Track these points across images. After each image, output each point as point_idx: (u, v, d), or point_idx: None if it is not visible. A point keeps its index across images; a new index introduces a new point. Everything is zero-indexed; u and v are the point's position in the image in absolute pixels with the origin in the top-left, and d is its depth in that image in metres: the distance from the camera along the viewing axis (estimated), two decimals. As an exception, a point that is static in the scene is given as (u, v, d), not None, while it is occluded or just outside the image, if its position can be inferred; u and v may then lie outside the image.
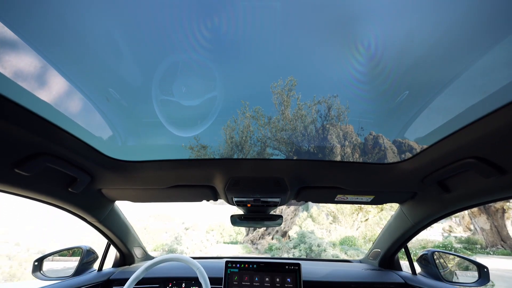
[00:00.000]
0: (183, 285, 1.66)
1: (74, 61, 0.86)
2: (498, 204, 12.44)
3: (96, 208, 1.44)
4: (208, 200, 1.53)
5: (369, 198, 1.40)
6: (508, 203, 12.45)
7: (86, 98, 0.92)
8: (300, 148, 1.28)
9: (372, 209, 13.82)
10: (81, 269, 1.66)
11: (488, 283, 1.44)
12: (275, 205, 1.48)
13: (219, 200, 1.57)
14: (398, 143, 1.09)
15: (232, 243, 14.53)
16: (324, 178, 1.22)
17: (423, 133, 0.94)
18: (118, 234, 1.71)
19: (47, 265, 1.59)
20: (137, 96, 1.08)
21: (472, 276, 1.50)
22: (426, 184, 1.13)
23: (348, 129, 1.21)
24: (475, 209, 13.06)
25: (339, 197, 1.40)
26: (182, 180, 1.27)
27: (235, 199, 1.41)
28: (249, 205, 1.50)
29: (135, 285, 1.37)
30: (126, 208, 1.91)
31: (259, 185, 1.25)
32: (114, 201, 1.56)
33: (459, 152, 0.84)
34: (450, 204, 1.19)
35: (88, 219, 1.47)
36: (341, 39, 0.94)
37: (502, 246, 12.28)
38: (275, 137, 1.25)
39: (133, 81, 1.03)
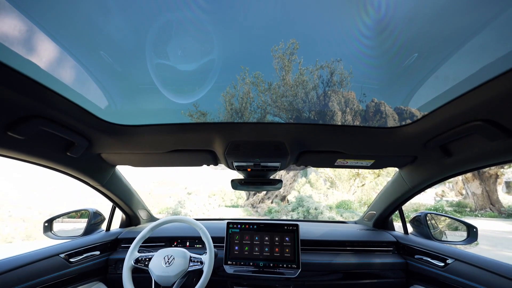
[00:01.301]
0: (187, 243, 1.77)
1: (61, 22, 0.81)
2: (492, 170, 12.76)
3: (97, 173, 1.47)
4: (208, 165, 1.55)
5: (369, 162, 1.41)
6: (502, 169, 12.77)
7: (77, 62, 0.88)
8: (301, 115, 1.27)
9: (369, 174, 14.22)
10: (89, 230, 1.77)
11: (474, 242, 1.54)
12: (275, 169, 1.51)
13: (220, 165, 1.59)
14: (399, 110, 1.07)
15: (233, 206, 15.23)
16: (324, 142, 1.22)
17: (428, 99, 0.91)
18: (122, 197, 1.78)
19: (57, 226, 1.68)
20: (131, 60, 1.03)
21: (460, 235, 1.60)
22: (428, 148, 1.13)
23: (350, 95, 1.18)
24: (469, 175, 13.44)
25: (339, 161, 1.41)
26: (182, 144, 1.27)
27: (235, 164, 1.43)
28: (249, 169, 1.52)
29: (141, 243, 1.47)
30: (130, 174, 1.96)
31: (259, 149, 1.25)
32: (115, 165, 1.59)
33: (466, 115, 0.83)
34: (450, 168, 1.20)
35: (91, 183, 1.51)
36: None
37: (490, 209, 12.90)
38: (276, 104, 1.23)
39: (125, 44, 0.97)
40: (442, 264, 1.39)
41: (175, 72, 1.07)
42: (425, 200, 15.17)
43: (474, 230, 1.53)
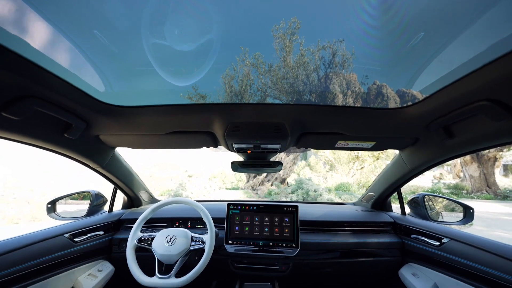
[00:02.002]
0: (189, 224, 1.82)
1: (53, 1, 0.77)
2: (491, 153, 12.84)
3: (96, 155, 1.47)
4: (208, 147, 1.55)
5: (370, 144, 1.41)
6: (501, 152, 12.84)
7: (71, 42, 0.84)
8: (301, 97, 1.25)
9: (368, 157, 14.33)
10: (92, 211, 1.81)
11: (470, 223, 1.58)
12: (275, 151, 1.51)
13: (221, 148, 1.59)
14: (401, 93, 1.05)
15: (233, 189, 15.48)
16: (325, 124, 1.21)
17: (432, 81, 0.89)
18: (123, 179, 1.80)
19: (60, 208, 1.72)
20: (127, 40, 1.00)
21: (456, 216, 1.63)
22: (430, 129, 1.12)
23: (351, 78, 1.16)
24: (467, 158, 13.55)
25: (339, 143, 1.40)
26: (180, 126, 1.26)
27: (235, 146, 1.43)
28: (249, 151, 1.52)
29: (144, 224, 1.51)
30: (130, 157, 1.97)
31: (259, 130, 1.24)
32: (114, 147, 1.59)
33: (472, 95, 0.81)
34: (452, 150, 1.20)
35: (91, 165, 1.51)
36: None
37: (487, 192, 13.13)
38: (276, 86, 1.21)
39: (120, 24, 0.94)
40: (438, 243, 1.43)
41: (172, 53, 1.04)
42: (422, 182, 15.39)
43: (471, 211, 1.56)
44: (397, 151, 1.63)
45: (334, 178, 14.62)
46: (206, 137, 1.35)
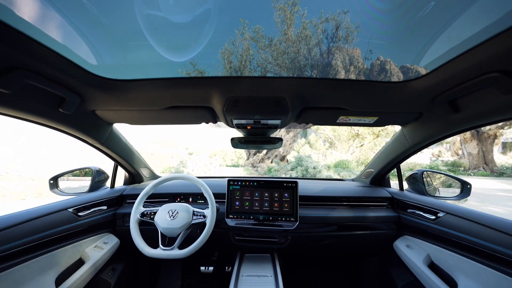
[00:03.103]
0: (190, 199, 1.87)
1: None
2: (492, 131, 12.84)
3: (94, 130, 1.45)
4: (207, 123, 1.52)
5: (372, 119, 1.38)
6: (501, 130, 12.82)
7: (59, 13, 0.80)
8: (303, 73, 1.21)
9: (368, 135, 14.34)
10: (94, 187, 1.84)
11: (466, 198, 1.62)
12: (275, 127, 1.49)
13: (221, 125, 1.57)
14: (405, 69, 1.02)
15: (234, 166, 15.71)
16: (327, 98, 1.18)
17: (440, 54, 0.85)
18: (123, 155, 1.80)
19: (62, 184, 1.75)
20: (119, 11, 0.94)
21: (453, 192, 1.66)
22: (435, 104, 1.09)
23: (354, 53, 1.11)
24: (468, 135, 13.57)
25: (341, 118, 1.37)
26: (178, 100, 1.23)
27: (234, 122, 1.41)
28: (249, 127, 1.50)
29: (146, 199, 1.55)
30: (131, 135, 1.97)
31: (260, 105, 1.21)
32: (112, 123, 1.57)
33: (482, 66, 0.78)
34: (456, 125, 1.18)
35: (89, 141, 1.50)
36: None
37: (484, 168, 13.33)
38: (276, 62, 1.16)
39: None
40: (433, 217, 1.47)
41: (167, 25, 0.99)
42: (421, 160, 15.58)
43: (468, 186, 1.59)
44: (397, 129, 1.62)
45: (334, 155, 14.76)
46: (205, 112, 1.33)
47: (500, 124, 12.00)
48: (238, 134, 1.70)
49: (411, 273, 1.52)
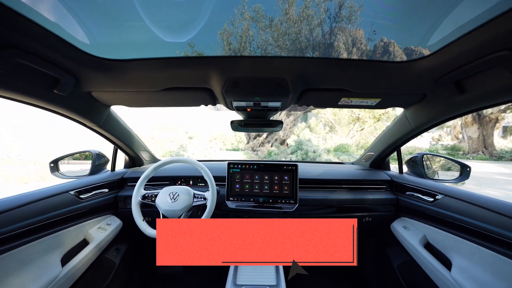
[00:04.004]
0: (191, 182, 1.89)
1: None
2: (494, 115, 12.76)
3: (91, 113, 1.43)
4: (206, 105, 1.50)
5: (374, 101, 1.35)
6: (503, 114, 12.74)
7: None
8: (304, 55, 1.18)
9: (369, 119, 14.28)
10: (95, 170, 1.85)
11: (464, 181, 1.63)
12: (276, 109, 1.47)
13: (220, 109, 1.55)
14: (409, 51, 0.98)
15: (234, 150, 15.75)
16: (329, 79, 1.14)
17: (445, 34, 0.82)
18: (122, 138, 1.79)
19: (63, 168, 1.75)
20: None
21: (452, 175, 1.67)
22: (440, 85, 1.06)
23: (357, 33, 1.07)
24: (469, 119, 13.50)
25: (343, 100, 1.35)
26: (176, 81, 1.20)
27: (234, 104, 1.38)
28: (249, 109, 1.48)
29: (147, 182, 1.56)
30: (131, 119, 1.95)
31: (260, 86, 1.18)
32: (109, 106, 1.54)
33: (491, 44, 0.74)
34: (460, 106, 1.16)
35: (87, 123, 1.49)
36: None
37: (483, 152, 13.38)
38: (277, 43, 1.13)
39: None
40: (432, 199, 1.48)
41: (163, 3, 0.94)
42: (421, 144, 15.61)
43: (468, 169, 1.59)
44: (399, 112, 1.60)
45: (334, 139, 14.76)
46: (204, 94, 1.30)
47: (502, 107, 11.91)
48: (238, 117, 1.69)
49: (406, 253, 1.56)
